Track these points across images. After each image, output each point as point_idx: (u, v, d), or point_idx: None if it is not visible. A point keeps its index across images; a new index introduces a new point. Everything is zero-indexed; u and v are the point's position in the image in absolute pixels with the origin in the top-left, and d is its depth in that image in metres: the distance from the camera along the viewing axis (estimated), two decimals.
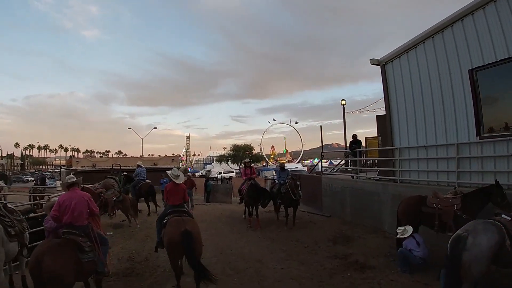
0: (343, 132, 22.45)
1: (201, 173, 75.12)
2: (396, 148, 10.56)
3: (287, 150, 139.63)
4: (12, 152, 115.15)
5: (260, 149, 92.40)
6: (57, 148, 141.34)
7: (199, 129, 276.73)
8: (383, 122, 11.70)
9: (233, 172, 73.46)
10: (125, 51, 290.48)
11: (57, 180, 32.46)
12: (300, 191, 10.97)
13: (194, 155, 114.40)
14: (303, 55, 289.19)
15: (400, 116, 10.57)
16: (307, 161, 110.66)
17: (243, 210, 13.40)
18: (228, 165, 77.80)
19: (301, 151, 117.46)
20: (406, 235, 7.06)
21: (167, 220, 6.34)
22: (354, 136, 13.27)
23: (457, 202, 6.90)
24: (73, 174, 17.47)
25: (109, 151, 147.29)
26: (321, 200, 14.22)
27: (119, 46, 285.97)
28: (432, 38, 9.44)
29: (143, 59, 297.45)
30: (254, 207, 12.02)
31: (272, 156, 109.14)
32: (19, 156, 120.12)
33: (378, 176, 11.71)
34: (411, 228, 7.14)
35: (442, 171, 9.21)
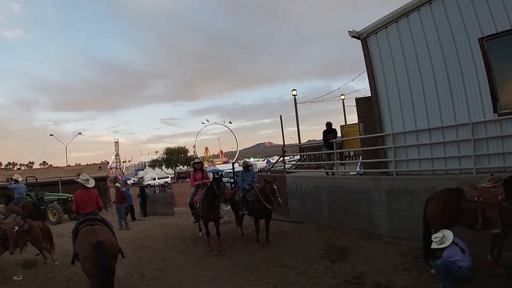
0: (296, 126, 20.82)
1: (134, 180, 70.28)
2: (389, 135, 8.95)
3: (221, 151, 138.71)
4: None
5: (194, 151, 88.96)
6: None
7: (128, 134, 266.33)
8: (366, 106, 10.07)
9: (168, 177, 69.75)
10: (49, 52, 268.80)
11: None
12: (279, 198, 8.71)
13: (124, 161, 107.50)
14: (233, 54, 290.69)
15: (391, 96, 9.03)
16: (242, 160, 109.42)
17: (198, 227, 10.72)
18: (162, 170, 73.78)
19: (236, 151, 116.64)
20: (448, 243, 5.42)
21: (79, 230, 5.85)
22: (329, 124, 11.21)
23: (500, 191, 5.49)
24: None
25: (33, 163, 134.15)
26: (287, 203, 12.22)
27: (42, 46, 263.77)
28: (429, 4, 8.04)
29: (68, 61, 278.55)
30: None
31: (206, 158, 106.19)
32: None
33: (363, 170, 10.14)
34: (451, 233, 5.52)
35: (452, 157, 7.82)
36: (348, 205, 9.67)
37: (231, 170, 69.25)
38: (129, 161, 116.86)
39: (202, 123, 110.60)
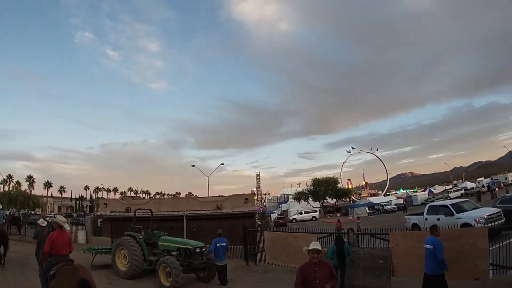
0: None
1: (277, 213, 62.85)
2: None
3: (366, 182, 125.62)
4: (81, 195, 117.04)
5: (339, 183, 78.10)
6: (126, 190, 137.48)
7: (267, 169, 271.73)
8: None
9: (316, 211, 60.40)
10: (191, 99, 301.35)
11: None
12: None
13: (265, 194, 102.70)
14: (363, 84, 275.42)
15: None
16: (393, 192, 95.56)
17: None
18: (308, 202, 64.73)
19: (386, 181, 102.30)
20: None
21: (55, 270, 5.62)
22: None
23: None
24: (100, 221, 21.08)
25: (179, 193, 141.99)
26: None
27: (185, 95, 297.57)
28: None
29: (208, 105, 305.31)
30: None
31: (351, 189, 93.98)
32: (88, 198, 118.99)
33: None
34: None
35: None
36: None
37: (387, 202, 57.67)
38: (269, 193, 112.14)
39: (347, 151, 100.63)
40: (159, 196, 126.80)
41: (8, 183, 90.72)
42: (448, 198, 51.06)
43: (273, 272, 12.82)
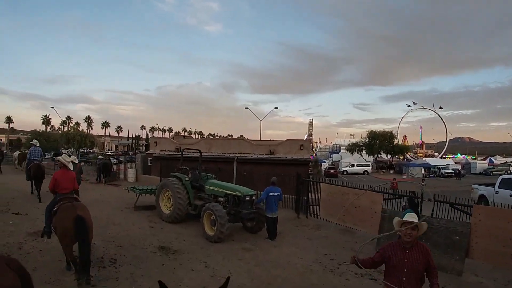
0: None
1: (328, 163, 61.05)
2: None
3: (422, 141, 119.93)
4: (138, 134, 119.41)
5: (395, 139, 73.99)
6: (180, 131, 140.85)
7: (320, 117, 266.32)
8: None
9: (369, 165, 58.00)
10: (246, 42, 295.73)
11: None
12: None
13: (316, 142, 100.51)
14: (429, 37, 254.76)
15: None
16: (450, 156, 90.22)
17: None
18: (362, 156, 62.05)
19: (446, 142, 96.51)
20: None
21: (58, 207, 6.13)
22: None
23: None
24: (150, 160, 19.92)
25: (231, 135, 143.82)
26: None
27: (241, 38, 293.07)
28: None
29: (264, 49, 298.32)
30: None
31: (407, 147, 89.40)
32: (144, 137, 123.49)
33: None
34: None
35: None
36: None
37: (445, 165, 53.91)
38: (320, 142, 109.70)
39: (408, 105, 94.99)
40: (212, 137, 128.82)
41: (67, 124, 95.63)
42: (510, 171, 47.02)
43: (325, 229, 11.42)
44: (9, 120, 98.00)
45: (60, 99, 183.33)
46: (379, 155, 63.68)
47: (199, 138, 70.87)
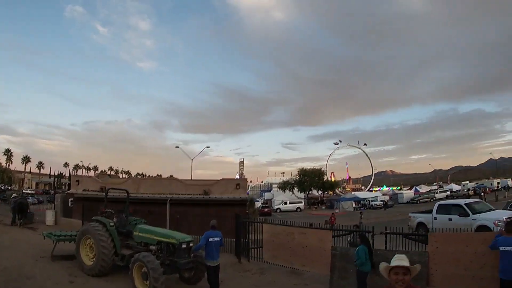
0: None
1: (261, 202, 60.91)
2: None
3: (349, 177, 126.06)
4: (61, 172, 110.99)
5: (325, 176, 76.61)
6: (106, 169, 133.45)
7: (250, 156, 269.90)
8: None
9: (301, 202, 58.80)
10: (179, 81, 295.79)
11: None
12: None
13: (248, 181, 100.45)
14: (352, 79, 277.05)
15: None
16: (376, 188, 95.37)
17: None
18: (293, 193, 62.94)
19: (371, 176, 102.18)
20: None
21: None
22: None
23: None
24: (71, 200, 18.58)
25: (161, 175, 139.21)
26: None
27: (174, 77, 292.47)
28: None
29: (197, 88, 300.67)
30: None
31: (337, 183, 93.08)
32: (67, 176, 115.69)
33: None
34: None
35: None
36: None
37: (374, 197, 56.53)
38: (251, 181, 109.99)
39: (335, 143, 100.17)
40: (140, 177, 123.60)
41: None
42: (434, 198, 50.53)
43: (270, 273, 10.82)
44: None
45: None
46: (310, 192, 65.21)
47: (126, 177, 67.41)
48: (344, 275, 9.00)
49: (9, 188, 55.00)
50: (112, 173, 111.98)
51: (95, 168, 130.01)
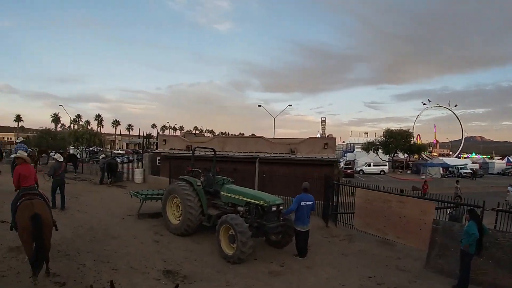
0: None
1: (343, 163, 59.00)
2: None
3: (437, 140, 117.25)
4: (149, 132, 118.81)
5: (412, 138, 71.39)
6: (191, 129, 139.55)
7: (331, 115, 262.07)
8: None
9: (386, 165, 55.83)
10: (257, 40, 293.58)
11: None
12: None
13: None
14: (441, 35, 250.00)
15: None
16: (464, 155, 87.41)
17: None
18: (377, 155, 59.79)
19: (461, 141, 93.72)
20: None
21: (19, 203, 6.05)
22: None
23: None
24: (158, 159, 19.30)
25: (243, 133, 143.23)
26: None
27: (251, 36, 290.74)
28: None
29: (274, 47, 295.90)
30: None
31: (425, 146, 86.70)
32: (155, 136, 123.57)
33: None
34: None
35: None
36: None
37: (463, 165, 51.72)
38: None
39: (423, 103, 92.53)
40: (224, 135, 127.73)
41: (77, 122, 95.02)
42: None
43: (360, 241, 9.75)
44: (18, 118, 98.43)
45: (72, 98, 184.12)
46: (395, 155, 61.54)
47: (211, 136, 69.13)
48: (445, 252, 7.61)
49: (101, 149, 59.74)
50: (197, 132, 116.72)
51: (181, 128, 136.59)
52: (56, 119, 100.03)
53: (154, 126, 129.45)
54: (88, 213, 11.10)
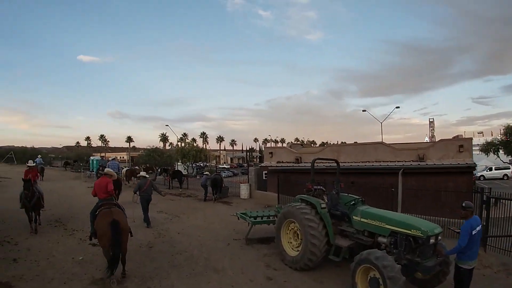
0: None
1: None
2: None
3: None
4: (252, 147, 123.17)
5: None
6: (292, 141, 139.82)
7: (437, 116, 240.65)
8: None
9: (509, 168, 48.08)
10: (350, 45, 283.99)
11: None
12: None
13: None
14: None
15: None
16: None
17: None
18: (498, 156, 51.99)
19: None
20: None
21: (98, 212, 6.72)
22: None
23: None
24: (265, 173, 19.27)
25: (344, 142, 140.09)
26: None
27: (343, 42, 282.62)
28: None
29: (367, 50, 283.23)
30: None
31: None
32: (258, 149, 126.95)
33: None
34: None
35: None
36: None
37: None
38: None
39: None
40: (339, 144, 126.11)
41: (184, 140, 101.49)
42: None
43: None
44: (129, 139, 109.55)
45: (178, 119, 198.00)
46: None
47: (317, 146, 66.58)
48: None
49: (207, 164, 62.24)
50: (298, 143, 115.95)
51: (282, 141, 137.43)
52: (164, 138, 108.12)
53: (256, 140, 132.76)
54: (189, 236, 9.94)
